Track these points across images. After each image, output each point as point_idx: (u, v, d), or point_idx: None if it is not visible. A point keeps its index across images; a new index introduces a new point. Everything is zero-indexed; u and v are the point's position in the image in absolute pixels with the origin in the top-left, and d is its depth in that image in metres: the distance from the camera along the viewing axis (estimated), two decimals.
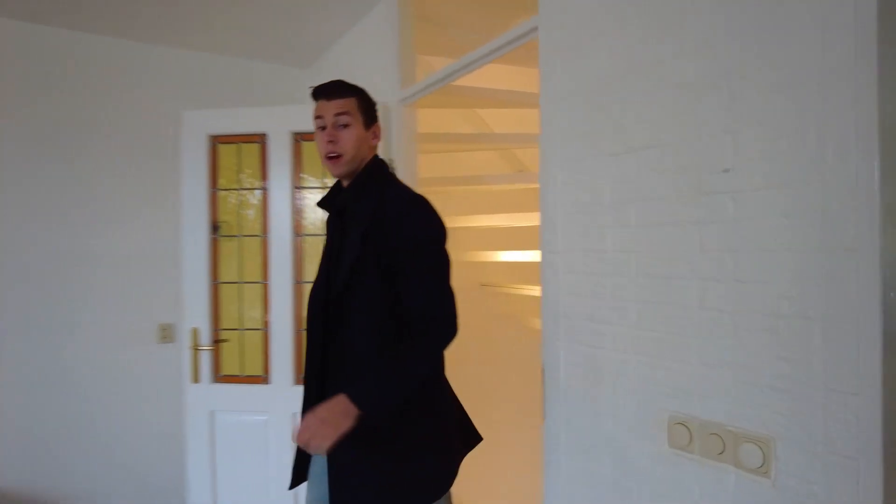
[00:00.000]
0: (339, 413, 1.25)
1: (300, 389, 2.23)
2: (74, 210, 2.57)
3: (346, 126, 1.47)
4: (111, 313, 2.64)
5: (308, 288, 1.53)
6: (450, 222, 1.41)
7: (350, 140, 1.46)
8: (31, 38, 2.51)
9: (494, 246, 3.07)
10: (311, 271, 2.26)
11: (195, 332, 2.35)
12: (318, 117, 1.49)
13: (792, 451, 1.02)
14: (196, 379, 2.35)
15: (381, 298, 1.37)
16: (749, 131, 1.07)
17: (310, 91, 1.49)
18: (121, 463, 2.65)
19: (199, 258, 2.36)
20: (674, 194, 1.20)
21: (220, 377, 2.36)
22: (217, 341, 2.36)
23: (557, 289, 1.48)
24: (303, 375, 1.58)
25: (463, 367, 2.90)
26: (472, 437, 1.61)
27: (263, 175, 2.35)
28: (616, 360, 1.34)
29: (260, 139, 2.35)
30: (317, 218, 2.31)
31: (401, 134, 2.28)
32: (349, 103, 1.50)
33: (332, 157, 1.46)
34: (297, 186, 2.33)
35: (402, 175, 2.25)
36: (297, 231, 2.33)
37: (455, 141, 2.81)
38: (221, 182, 2.38)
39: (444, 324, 1.37)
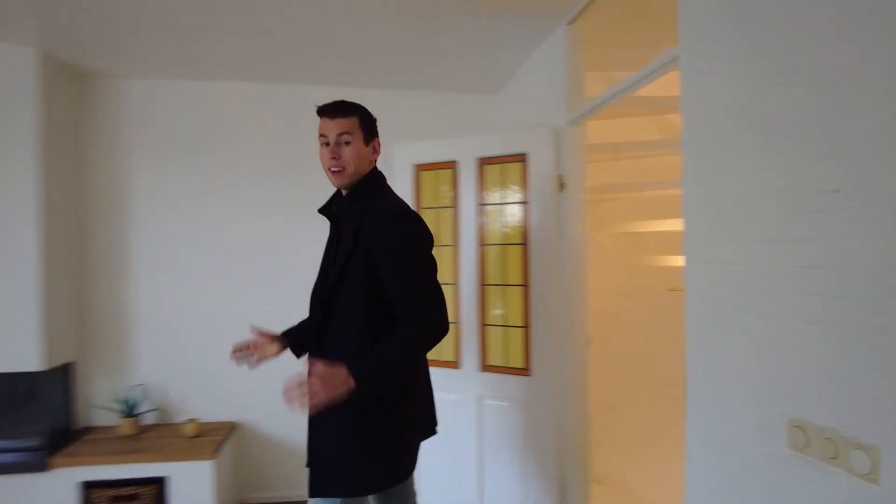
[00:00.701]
0: (338, 380, 1.47)
1: (485, 375, 2.63)
2: (301, 227, 3.35)
3: (347, 143, 1.72)
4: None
5: (491, 289, 1.90)
6: (634, 227, 1.63)
7: (351, 156, 1.71)
8: (277, 94, 3.37)
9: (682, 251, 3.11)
10: (494, 276, 2.65)
11: None
12: (322, 135, 1.74)
13: None
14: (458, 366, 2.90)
15: (364, 295, 1.62)
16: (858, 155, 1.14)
17: (316, 109, 1.75)
18: None
19: None
20: (784, 212, 1.29)
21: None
22: None
23: (696, 297, 1.62)
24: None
25: (656, 368, 3.06)
26: (431, 426, 1.86)
27: (455, 195, 2.80)
28: (743, 366, 1.45)
29: (452, 165, 2.80)
30: (496, 229, 2.69)
31: (570, 151, 2.52)
32: (350, 122, 1.73)
33: (335, 171, 1.72)
34: (481, 203, 2.73)
35: (572, 187, 2.50)
36: (482, 241, 2.73)
37: (627, 149, 2.95)
38: (424, 202, 2.90)
39: (424, 322, 1.58)
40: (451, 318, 2.77)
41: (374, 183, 1.77)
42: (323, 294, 1.70)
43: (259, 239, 3.39)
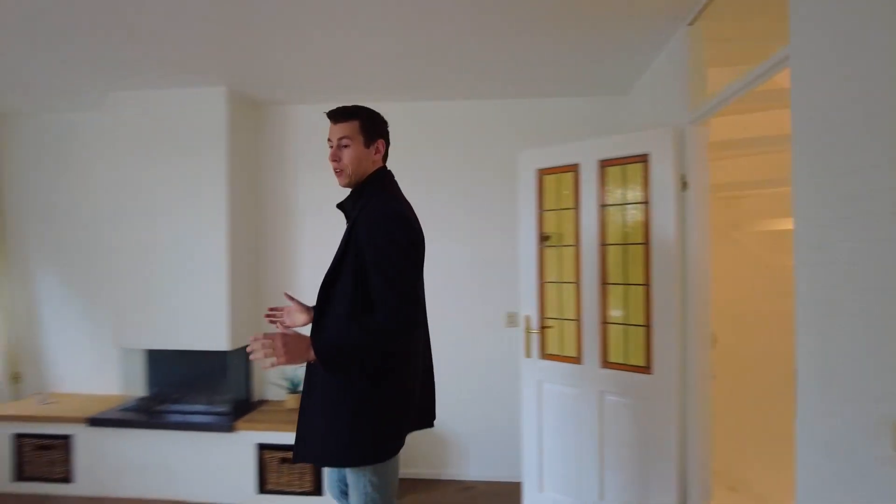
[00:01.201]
0: (300, 346, 1.65)
1: (606, 371, 2.72)
2: (439, 225, 3.64)
3: (346, 146, 1.86)
4: (471, 302, 3.64)
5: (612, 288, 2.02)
6: (777, 225, 1.62)
7: (349, 158, 1.85)
8: (413, 111, 3.70)
9: None
10: (615, 275, 2.73)
11: (527, 319, 3.08)
12: (329, 139, 1.90)
13: None
14: (528, 355, 3.08)
15: (353, 285, 1.74)
16: None
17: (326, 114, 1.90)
18: (472, 415, 3.62)
19: (530, 263, 3.07)
20: (888, 213, 1.27)
21: (545, 355, 3.03)
22: (543, 327, 3.04)
23: (805, 297, 1.60)
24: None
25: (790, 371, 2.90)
26: (427, 417, 1.96)
27: (576, 197, 2.91)
28: (848, 366, 1.43)
29: (573, 168, 2.92)
30: (617, 229, 2.75)
31: (692, 150, 2.52)
32: (350, 127, 1.86)
33: (336, 172, 1.89)
34: (602, 204, 2.81)
35: (695, 186, 2.50)
36: (602, 241, 2.81)
37: (758, 145, 2.84)
38: (546, 204, 3.04)
39: (391, 314, 1.66)
40: (572, 315, 2.91)
41: (376, 182, 1.92)
42: (324, 284, 1.85)
43: None
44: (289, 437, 3.30)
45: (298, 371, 3.77)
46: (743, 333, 3.15)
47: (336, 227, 3.68)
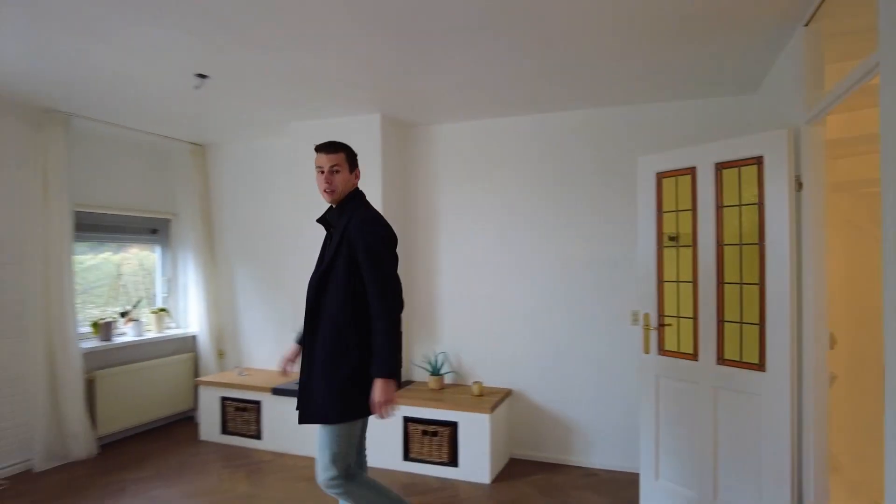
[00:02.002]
0: (389, 389, 2.20)
1: (721, 368, 2.84)
2: (565, 229, 3.91)
3: (337, 172, 2.38)
4: (595, 300, 3.86)
5: (727, 287, 2.20)
6: None
7: (339, 182, 2.39)
8: (537, 123, 3.99)
9: None
10: (731, 274, 2.82)
11: (647, 317, 3.25)
12: (318, 166, 2.38)
13: None
14: (647, 351, 3.24)
15: (348, 277, 2.26)
16: None
17: (315, 147, 2.40)
18: (597, 407, 3.83)
19: (650, 263, 3.24)
20: None
21: (663, 351, 3.18)
22: (661, 325, 3.19)
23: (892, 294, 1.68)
24: (301, 331, 2.44)
25: None
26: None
27: (693, 199, 3.03)
28: None
29: (690, 171, 3.04)
30: (733, 230, 2.84)
31: (808, 150, 2.54)
32: (339, 157, 2.39)
33: (327, 192, 2.39)
34: (719, 206, 2.91)
35: (810, 186, 2.53)
36: (719, 241, 2.91)
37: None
38: (665, 206, 3.19)
39: (387, 302, 2.23)
40: (688, 313, 3.04)
41: (355, 198, 2.45)
42: (319, 278, 2.33)
43: (524, 244, 4.11)
44: (431, 413, 3.80)
45: (439, 356, 4.28)
46: (872, 334, 3.01)
47: (473, 228, 4.14)
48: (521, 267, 4.12)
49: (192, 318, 5.15)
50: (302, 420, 2.33)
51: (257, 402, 4.37)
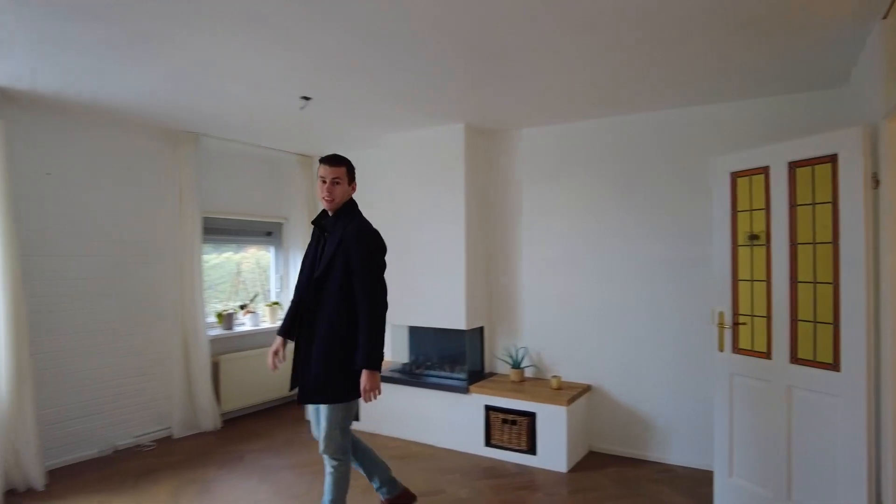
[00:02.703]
0: (375, 378, 2.60)
1: (795, 367, 2.86)
2: (641, 229, 3.99)
3: (337, 183, 2.71)
4: (669, 298, 3.93)
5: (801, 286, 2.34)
6: None
7: (338, 193, 2.73)
8: (612, 125, 4.08)
9: None
10: (804, 273, 2.82)
11: (721, 315, 3.27)
12: (321, 176, 2.71)
13: None
14: (721, 349, 3.27)
15: (343, 278, 2.63)
16: None
17: (318, 160, 2.75)
18: (674, 404, 3.88)
19: (724, 261, 3.27)
20: None
21: (737, 349, 3.20)
22: (736, 323, 3.21)
23: None
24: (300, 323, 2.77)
25: None
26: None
27: (767, 198, 3.03)
28: None
29: (764, 171, 3.04)
30: (807, 227, 2.82)
31: (887, 147, 2.50)
32: (340, 171, 2.72)
33: (327, 201, 2.71)
34: (792, 205, 2.89)
35: (887, 183, 2.49)
36: (792, 240, 2.89)
37: None
38: (739, 205, 3.20)
39: (374, 304, 2.63)
40: (762, 312, 3.05)
41: (352, 208, 2.81)
42: (318, 278, 2.68)
43: (602, 244, 4.22)
44: (510, 403, 4.04)
45: (520, 350, 4.50)
46: None
47: (553, 229, 4.33)
48: (600, 266, 4.24)
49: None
50: (303, 400, 2.71)
51: None
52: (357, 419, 4.80)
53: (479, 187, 4.63)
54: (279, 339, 2.90)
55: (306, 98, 3.74)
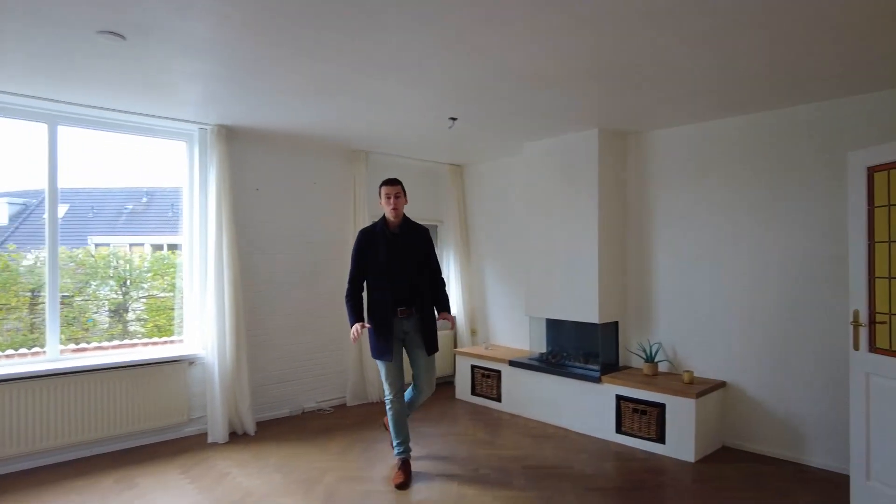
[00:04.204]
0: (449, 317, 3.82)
1: None
2: (779, 225, 3.95)
3: (398, 198, 3.63)
4: (816, 296, 3.88)
5: None
6: None
7: (400, 205, 3.65)
8: (742, 124, 4.07)
9: None
10: None
11: (856, 313, 3.22)
12: (386, 195, 3.63)
13: None
14: (856, 347, 3.21)
15: (426, 268, 3.77)
16: None
17: (381, 182, 3.72)
18: (809, 401, 3.80)
19: (860, 258, 3.21)
20: None
21: (874, 348, 3.13)
22: (872, 322, 3.14)
23: None
24: (396, 302, 3.67)
25: None
26: None
27: None
28: None
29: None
30: None
31: None
32: (399, 188, 3.65)
33: (394, 211, 3.61)
34: None
35: None
36: None
37: None
38: (877, 200, 3.13)
39: (442, 277, 3.92)
40: None
41: (406, 217, 3.76)
42: (415, 267, 3.70)
43: (739, 241, 4.24)
44: (641, 394, 4.27)
45: (654, 345, 4.67)
46: None
47: (688, 227, 4.57)
48: (737, 263, 4.27)
49: (453, 302, 6.43)
50: (432, 352, 3.76)
51: (498, 372, 5.35)
52: (500, 400, 5.33)
53: (613, 188, 4.87)
54: (359, 324, 3.63)
55: (453, 119, 4.35)
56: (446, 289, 3.99)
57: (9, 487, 3.54)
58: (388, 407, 3.73)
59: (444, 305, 3.88)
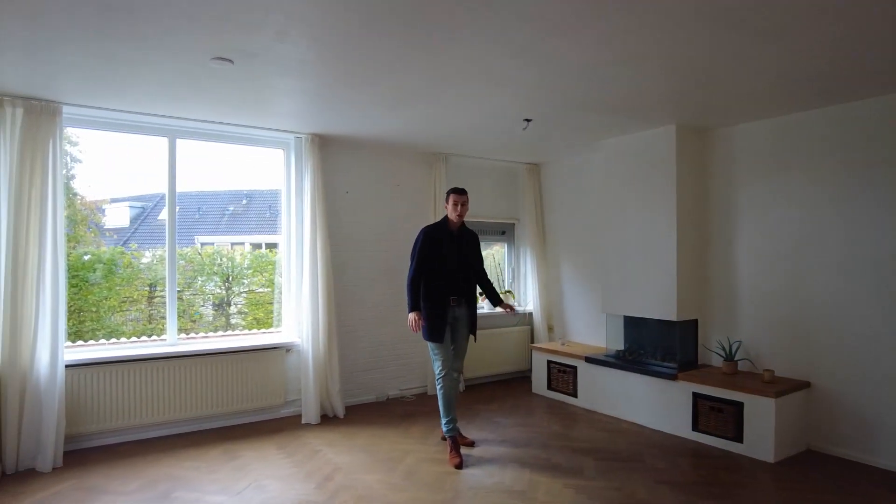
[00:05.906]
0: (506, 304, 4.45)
1: None
2: (868, 221, 3.79)
3: (463, 205, 4.15)
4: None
5: None
6: None
7: (465, 212, 4.17)
8: (829, 117, 3.93)
9: None
10: None
11: None
12: (454, 203, 4.11)
13: None
14: None
15: (476, 264, 4.36)
16: None
17: (450, 189, 4.21)
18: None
19: None
20: None
21: None
22: None
23: None
24: (450, 292, 4.13)
25: None
26: None
27: None
28: None
29: None
30: None
31: None
32: (465, 197, 4.17)
33: (460, 216, 4.14)
34: None
35: None
36: None
37: None
38: None
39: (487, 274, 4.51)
40: None
41: (463, 221, 4.25)
42: (468, 263, 4.25)
43: (826, 238, 4.11)
44: (718, 392, 4.24)
45: (734, 344, 4.60)
46: None
47: (771, 223, 4.55)
48: (824, 261, 4.13)
49: (529, 299, 6.58)
50: (474, 335, 4.30)
51: (574, 368, 5.45)
52: (576, 396, 5.43)
53: (692, 184, 4.84)
54: (416, 312, 4.10)
55: (528, 120, 4.51)
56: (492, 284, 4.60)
57: (131, 453, 4.12)
58: (438, 386, 4.14)
59: (499, 299, 4.49)
